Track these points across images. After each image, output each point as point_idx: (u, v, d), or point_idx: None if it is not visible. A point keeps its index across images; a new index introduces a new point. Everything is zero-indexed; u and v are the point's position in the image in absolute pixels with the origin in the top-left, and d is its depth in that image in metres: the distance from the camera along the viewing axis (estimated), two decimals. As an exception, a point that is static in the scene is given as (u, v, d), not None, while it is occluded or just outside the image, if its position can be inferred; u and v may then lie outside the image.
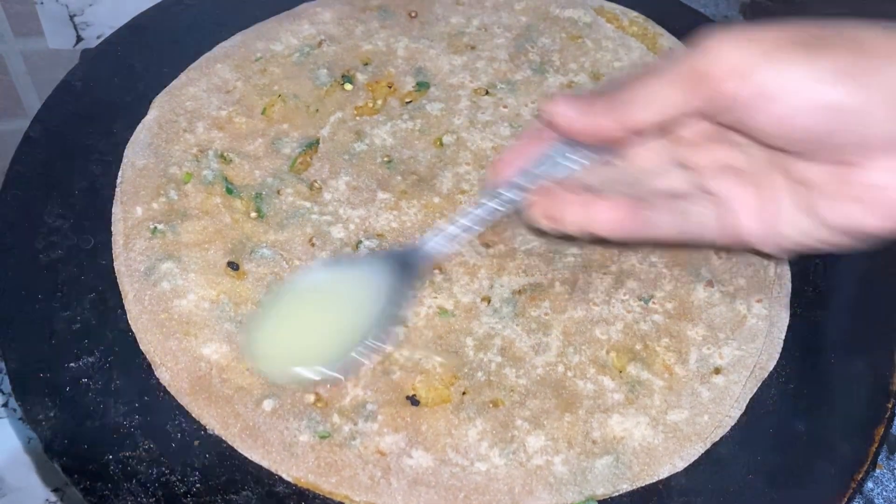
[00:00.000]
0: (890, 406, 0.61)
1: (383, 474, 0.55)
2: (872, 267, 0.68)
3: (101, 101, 0.72)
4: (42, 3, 1.01)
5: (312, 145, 0.70)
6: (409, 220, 0.67)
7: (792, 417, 0.60)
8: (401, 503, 0.54)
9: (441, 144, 0.72)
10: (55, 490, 0.93)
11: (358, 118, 0.73)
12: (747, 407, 0.60)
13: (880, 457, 0.71)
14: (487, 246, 0.66)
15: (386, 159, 0.70)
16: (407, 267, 0.59)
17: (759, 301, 0.65)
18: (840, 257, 0.69)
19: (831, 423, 0.60)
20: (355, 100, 0.74)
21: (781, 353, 0.63)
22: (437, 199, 0.68)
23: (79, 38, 1.06)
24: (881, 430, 0.60)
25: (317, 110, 0.73)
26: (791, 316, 0.65)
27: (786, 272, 0.67)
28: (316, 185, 0.68)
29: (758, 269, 0.66)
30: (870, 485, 0.70)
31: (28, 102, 1.12)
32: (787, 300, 0.66)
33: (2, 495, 0.92)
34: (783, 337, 0.64)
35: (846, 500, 0.57)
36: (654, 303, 0.64)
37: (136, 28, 0.78)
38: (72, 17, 1.04)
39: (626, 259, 0.66)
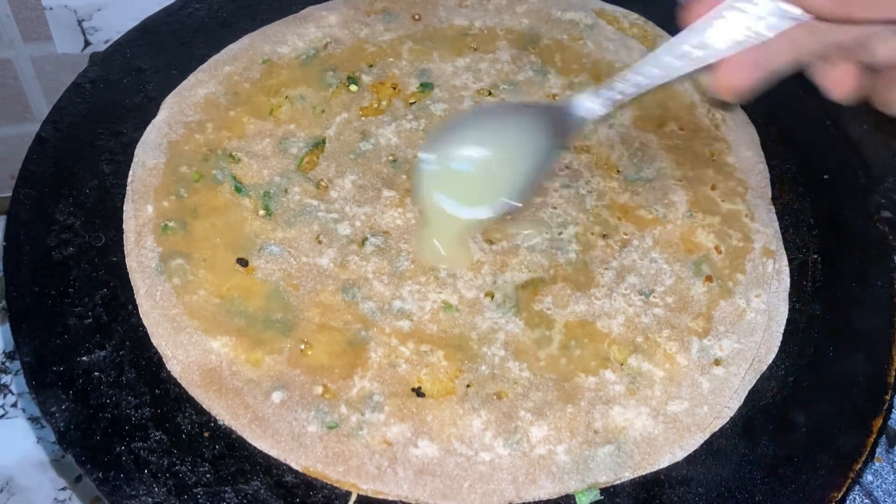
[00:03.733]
0: (888, 398, 0.62)
1: (390, 464, 0.56)
2: (869, 261, 0.69)
3: (111, 102, 0.73)
4: (51, 8, 1.02)
5: (319, 145, 0.72)
6: (413, 217, 0.68)
7: (791, 409, 0.61)
8: (407, 492, 0.55)
9: (445, 144, 0.73)
10: (63, 489, 0.94)
11: (363, 118, 0.74)
12: (746, 399, 0.61)
13: (880, 450, 0.72)
14: (491, 242, 0.67)
15: (391, 158, 0.71)
16: (560, 123, 0.61)
17: (757, 296, 0.66)
18: (837, 252, 0.70)
19: (829, 415, 0.61)
20: (360, 101, 0.75)
21: (780, 346, 0.64)
22: (441, 197, 0.69)
23: (87, 43, 1.07)
24: (879, 422, 0.61)
25: (323, 111, 0.74)
26: (790, 310, 0.66)
27: (784, 267, 0.68)
28: (322, 183, 0.69)
29: (756, 264, 0.67)
30: (869, 477, 0.71)
31: (36, 107, 1.14)
32: (785, 294, 0.67)
33: (11, 494, 0.93)
34: (782, 330, 0.65)
35: (844, 490, 0.58)
36: (654, 297, 0.65)
37: (144, 30, 0.79)
38: (80, 22, 1.05)
39: (626, 255, 0.67)
